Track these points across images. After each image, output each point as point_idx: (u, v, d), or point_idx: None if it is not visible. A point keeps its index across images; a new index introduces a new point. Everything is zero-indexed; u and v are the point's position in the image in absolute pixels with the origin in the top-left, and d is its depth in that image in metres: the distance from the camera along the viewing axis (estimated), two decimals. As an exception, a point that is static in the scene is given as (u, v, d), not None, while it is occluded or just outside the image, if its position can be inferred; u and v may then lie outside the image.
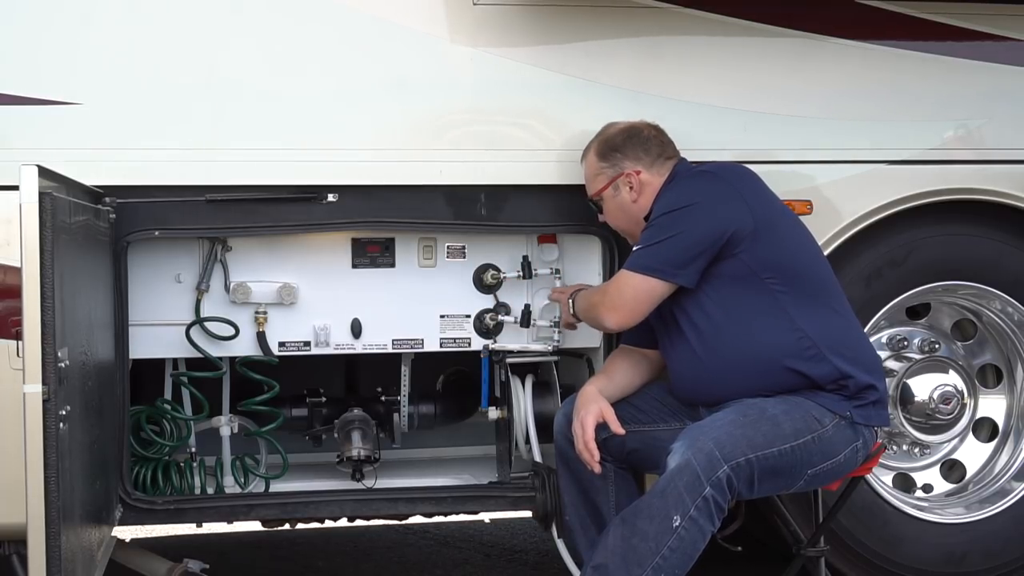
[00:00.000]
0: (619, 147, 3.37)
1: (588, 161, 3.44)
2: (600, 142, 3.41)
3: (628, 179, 3.33)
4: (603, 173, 3.38)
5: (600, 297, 3.30)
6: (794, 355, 3.12)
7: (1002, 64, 3.85)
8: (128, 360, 3.43)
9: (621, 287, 3.21)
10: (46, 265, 2.49)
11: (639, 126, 3.40)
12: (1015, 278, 3.92)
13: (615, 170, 3.35)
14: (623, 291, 3.20)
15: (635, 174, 3.33)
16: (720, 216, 3.14)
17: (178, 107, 3.40)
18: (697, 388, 3.23)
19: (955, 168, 3.82)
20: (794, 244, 3.24)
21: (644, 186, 3.32)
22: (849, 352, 3.17)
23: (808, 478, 3.12)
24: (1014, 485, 4.01)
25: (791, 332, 3.13)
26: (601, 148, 3.40)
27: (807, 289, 3.18)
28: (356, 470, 3.73)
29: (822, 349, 3.13)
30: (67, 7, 3.34)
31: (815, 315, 3.16)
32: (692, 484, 2.90)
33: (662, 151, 3.36)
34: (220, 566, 4.15)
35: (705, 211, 3.16)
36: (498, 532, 5.06)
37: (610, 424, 3.21)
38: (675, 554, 2.90)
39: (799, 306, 3.15)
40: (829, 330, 3.17)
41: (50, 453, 2.48)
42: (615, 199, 3.37)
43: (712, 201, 3.17)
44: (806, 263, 3.22)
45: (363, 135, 3.50)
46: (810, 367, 3.12)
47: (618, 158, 3.36)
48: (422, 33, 3.52)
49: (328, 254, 3.63)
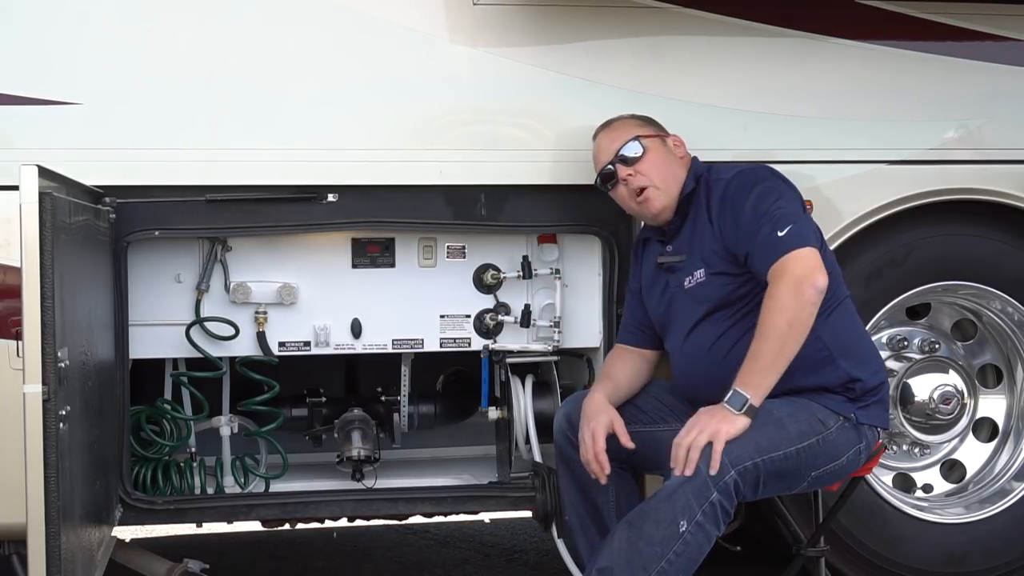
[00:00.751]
0: (654, 123, 3.39)
1: (624, 125, 3.37)
2: (634, 116, 3.40)
3: (674, 141, 3.37)
4: (649, 127, 3.36)
5: (791, 298, 2.98)
6: (806, 359, 3.08)
7: (1002, 64, 3.85)
8: (128, 360, 3.43)
9: (800, 259, 3.02)
10: (46, 265, 2.49)
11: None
12: (1015, 278, 3.92)
13: (660, 131, 3.37)
14: (805, 259, 3.02)
15: (678, 141, 3.36)
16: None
17: (178, 107, 3.40)
18: (706, 388, 3.13)
19: (955, 168, 3.82)
20: (823, 247, 3.22)
21: (684, 156, 3.35)
22: (859, 354, 3.17)
23: (811, 480, 3.12)
24: (1014, 485, 4.01)
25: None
26: (639, 119, 3.39)
27: (828, 291, 3.17)
28: (356, 470, 3.73)
29: (833, 353, 3.12)
30: (67, 7, 3.34)
31: (831, 318, 3.15)
32: (699, 489, 2.89)
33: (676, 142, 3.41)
34: (220, 566, 4.16)
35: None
36: (498, 532, 5.06)
37: (620, 437, 3.17)
38: (680, 559, 2.90)
39: (820, 307, 3.12)
40: (842, 333, 3.16)
41: (50, 453, 2.48)
42: (663, 148, 3.34)
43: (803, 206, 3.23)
44: (830, 265, 3.20)
45: (363, 135, 3.50)
46: (821, 373, 3.12)
47: (660, 127, 3.38)
48: (422, 33, 3.52)
49: (328, 254, 3.63)
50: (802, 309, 2.97)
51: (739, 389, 2.96)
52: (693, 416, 2.99)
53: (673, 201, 3.29)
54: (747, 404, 2.94)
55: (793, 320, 2.96)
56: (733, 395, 2.96)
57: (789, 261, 3.01)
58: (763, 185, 3.17)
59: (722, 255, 3.17)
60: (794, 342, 2.97)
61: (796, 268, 3.00)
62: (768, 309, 2.99)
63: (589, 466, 3.17)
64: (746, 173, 3.23)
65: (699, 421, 2.95)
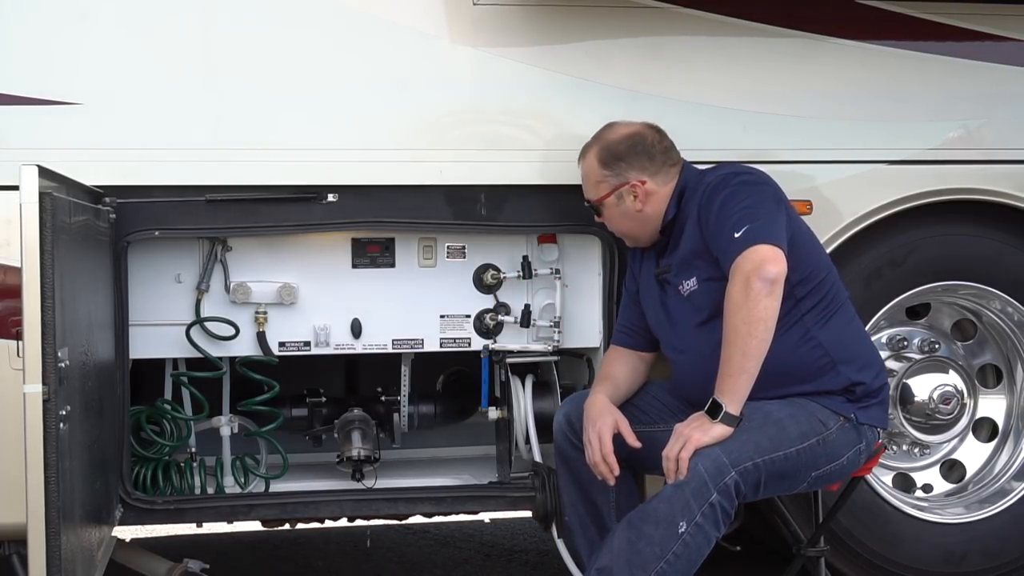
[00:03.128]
0: (623, 156, 3.29)
1: (588, 165, 3.36)
2: (601, 148, 3.32)
3: (633, 189, 3.27)
4: (605, 181, 3.30)
5: (744, 296, 2.94)
6: (806, 366, 3.10)
7: (1002, 64, 3.85)
8: (128, 360, 3.43)
9: (749, 255, 2.97)
10: (46, 265, 2.49)
11: (642, 132, 3.32)
12: (1015, 278, 3.92)
13: (618, 179, 3.29)
14: (754, 254, 2.96)
15: (640, 184, 3.27)
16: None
17: (178, 107, 3.40)
18: (705, 393, 3.07)
19: (955, 168, 3.82)
20: (816, 250, 3.23)
21: (649, 196, 3.27)
22: (861, 358, 3.17)
23: (812, 480, 3.13)
24: (1014, 485, 4.01)
25: (805, 343, 3.12)
26: (603, 155, 3.31)
27: (825, 295, 3.17)
28: (356, 470, 3.73)
29: (834, 359, 3.12)
30: (67, 7, 3.34)
31: (830, 322, 3.15)
32: (699, 490, 2.89)
33: (666, 158, 3.30)
34: (220, 566, 4.15)
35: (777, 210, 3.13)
36: (498, 532, 5.06)
37: (626, 437, 3.17)
38: (680, 560, 2.90)
39: (817, 312, 3.14)
40: (842, 338, 3.16)
41: (50, 453, 2.49)
42: (618, 207, 3.31)
43: (779, 204, 3.15)
44: (826, 268, 3.21)
45: (363, 135, 3.50)
46: (822, 379, 3.12)
47: (622, 167, 3.28)
48: (422, 33, 3.52)
49: (328, 254, 3.63)
50: (755, 304, 2.92)
51: (716, 398, 2.98)
52: (679, 424, 3.02)
53: (652, 233, 3.31)
54: (723, 412, 2.95)
55: (747, 317, 2.93)
56: (712, 404, 2.98)
57: (740, 259, 2.98)
58: (730, 188, 3.14)
59: (708, 259, 3.15)
60: (755, 339, 2.93)
61: (745, 264, 2.96)
62: (725, 311, 2.98)
63: (596, 468, 3.16)
64: (721, 177, 3.20)
65: (680, 431, 2.99)
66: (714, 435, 2.94)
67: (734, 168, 3.27)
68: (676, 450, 2.95)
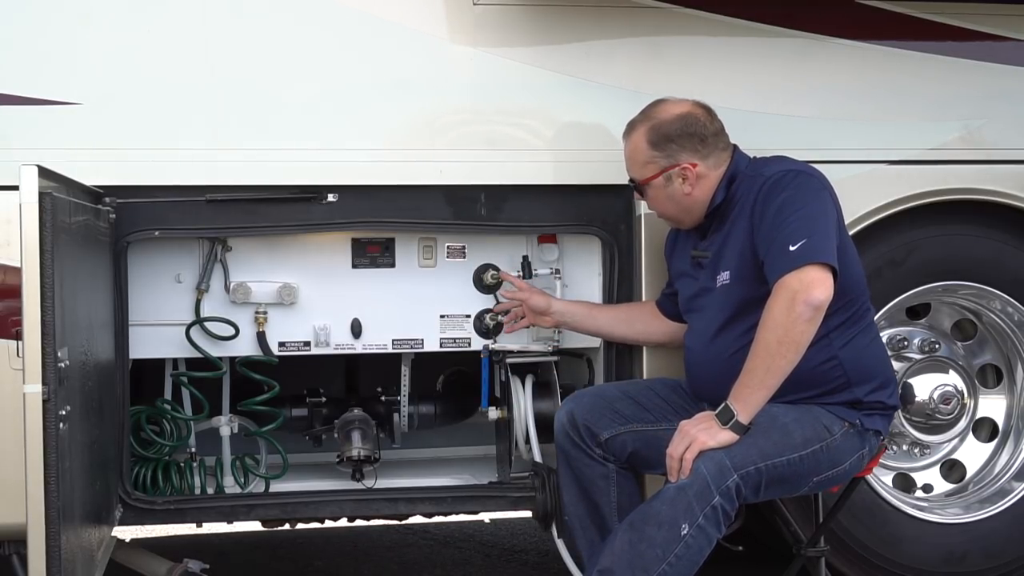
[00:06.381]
0: (675, 137, 3.20)
1: (634, 143, 3.26)
2: (652, 128, 3.22)
3: (683, 172, 3.20)
4: (654, 162, 3.22)
5: (785, 315, 2.91)
6: (821, 383, 3.09)
7: (1002, 64, 3.85)
8: (128, 360, 3.43)
9: (801, 274, 2.93)
10: (46, 265, 2.49)
11: (695, 112, 3.23)
12: (1015, 278, 3.92)
13: (668, 161, 3.21)
14: (806, 274, 2.93)
15: (691, 167, 3.19)
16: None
17: (178, 107, 3.40)
18: (719, 393, 3.06)
19: (955, 168, 3.82)
20: (853, 264, 3.17)
21: (700, 179, 3.20)
22: (876, 381, 3.15)
23: (813, 484, 3.13)
24: (1014, 485, 4.01)
25: (826, 361, 3.09)
26: (653, 135, 3.21)
27: (854, 313, 3.15)
28: (356, 470, 3.73)
29: (851, 380, 3.11)
30: (67, 7, 3.34)
31: (853, 340, 3.13)
32: (702, 493, 2.89)
33: (718, 141, 3.24)
34: (220, 566, 4.15)
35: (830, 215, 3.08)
36: (498, 532, 5.06)
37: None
38: (681, 561, 2.90)
39: (843, 329, 3.12)
40: (861, 357, 3.14)
41: (50, 453, 2.49)
42: (665, 189, 3.24)
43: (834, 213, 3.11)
44: (860, 286, 3.18)
45: (363, 135, 3.50)
46: (835, 395, 3.11)
47: (673, 149, 3.20)
48: (422, 33, 3.52)
49: (328, 254, 3.63)
50: (792, 326, 2.90)
51: (730, 404, 2.96)
52: (685, 422, 3.00)
53: (697, 217, 3.27)
54: (734, 420, 2.94)
55: (783, 337, 2.91)
56: (723, 408, 2.96)
57: (790, 277, 2.94)
58: (790, 191, 3.07)
59: (750, 254, 3.10)
60: (783, 359, 2.92)
61: (794, 283, 2.92)
62: (762, 323, 2.95)
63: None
64: (781, 174, 3.12)
65: (687, 430, 2.97)
66: (720, 440, 2.93)
67: (794, 165, 3.18)
68: (681, 450, 2.94)
